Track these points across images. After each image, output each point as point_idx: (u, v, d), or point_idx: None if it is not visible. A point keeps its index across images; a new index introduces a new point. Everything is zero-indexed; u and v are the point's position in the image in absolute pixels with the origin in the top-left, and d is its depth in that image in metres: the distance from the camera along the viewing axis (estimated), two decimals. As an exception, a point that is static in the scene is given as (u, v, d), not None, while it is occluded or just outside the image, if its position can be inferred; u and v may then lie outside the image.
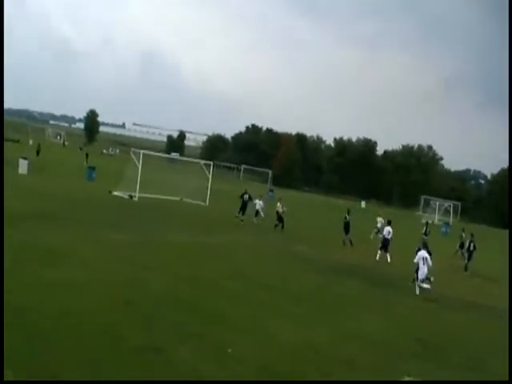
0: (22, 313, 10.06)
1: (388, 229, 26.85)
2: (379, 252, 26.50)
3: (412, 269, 19.81)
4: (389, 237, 26.42)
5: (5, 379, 6.93)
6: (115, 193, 35.72)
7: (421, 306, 17.66)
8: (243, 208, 33.23)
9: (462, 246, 32.68)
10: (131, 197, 35.33)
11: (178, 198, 39.60)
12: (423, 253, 19.22)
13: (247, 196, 33.86)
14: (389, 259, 25.87)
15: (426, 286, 18.99)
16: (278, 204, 32.62)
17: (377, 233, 32.74)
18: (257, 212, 33.40)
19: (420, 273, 18.98)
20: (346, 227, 29.69)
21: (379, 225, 34.41)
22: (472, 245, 29.39)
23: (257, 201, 33.91)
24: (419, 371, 10.72)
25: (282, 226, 31.37)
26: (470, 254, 29.24)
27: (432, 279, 19.02)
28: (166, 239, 21.77)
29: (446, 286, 22.02)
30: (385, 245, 26.43)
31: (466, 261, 29.11)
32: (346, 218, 30.02)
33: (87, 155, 65.53)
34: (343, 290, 18.12)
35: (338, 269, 21.93)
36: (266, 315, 13.00)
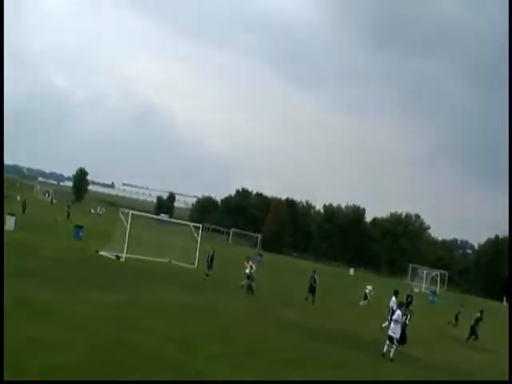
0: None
1: (393, 299, 24.96)
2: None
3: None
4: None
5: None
6: (102, 252, 35.39)
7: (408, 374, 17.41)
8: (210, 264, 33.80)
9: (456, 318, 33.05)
10: (118, 257, 34.99)
11: (166, 260, 39.29)
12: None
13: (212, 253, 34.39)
14: None
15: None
16: (246, 264, 31.24)
17: (365, 299, 33.05)
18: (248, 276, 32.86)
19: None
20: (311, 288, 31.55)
21: (367, 291, 35.17)
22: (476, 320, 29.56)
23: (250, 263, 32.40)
24: None
25: (252, 292, 29.75)
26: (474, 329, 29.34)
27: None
28: (152, 300, 21.49)
29: (435, 351, 21.84)
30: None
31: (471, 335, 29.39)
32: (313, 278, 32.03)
33: (69, 214, 65.59)
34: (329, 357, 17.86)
35: (323, 335, 21.67)
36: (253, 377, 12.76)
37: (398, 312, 19.45)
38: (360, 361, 18.10)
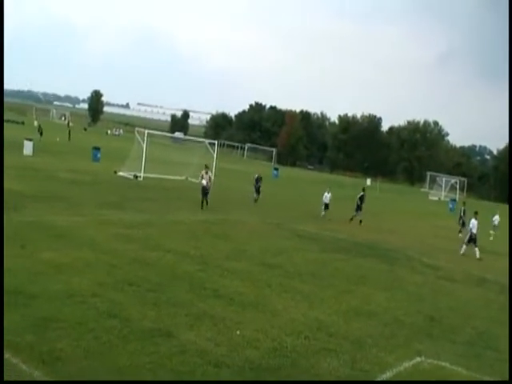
0: (28, 297, 10.06)
1: (474, 222, 24.77)
2: (465, 246, 24.66)
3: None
4: (474, 231, 24.42)
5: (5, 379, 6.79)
6: (120, 173, 35.68)
7: (430, 282, 17.67)
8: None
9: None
10: (136, 177, 35.29)
11: (183, 178, 39.50)
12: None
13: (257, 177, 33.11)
14: (477, 255, 23.99)
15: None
16: (203, 173, 27.88)
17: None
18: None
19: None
20: (359, 205, 30.58)
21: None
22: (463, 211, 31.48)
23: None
24: (431, 350, 10.70)
25: (207, 202, 26.66)
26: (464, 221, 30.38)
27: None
28: (172, 218, 21.74)
29: (455, 261, 22.12)
30: (472, 238, 24.43)
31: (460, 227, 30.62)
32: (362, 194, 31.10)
33: (70, 132, 66.30)
34: (350, 267, 18.11)
35: (343, 246, 21.93)
36: (272, 294, 13.01)
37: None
38: (380, 270, 18.31)
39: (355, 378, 9.01)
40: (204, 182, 27.13)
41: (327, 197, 31.25)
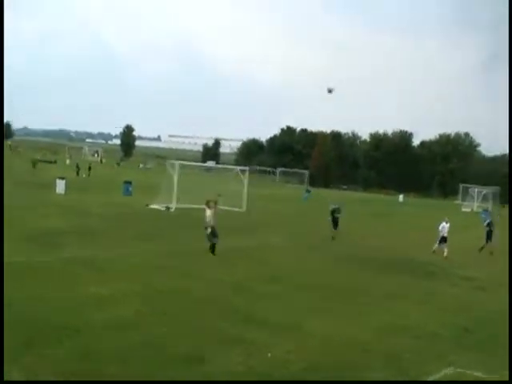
0: (64, 330, 10.60)
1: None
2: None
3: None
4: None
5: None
6: (152, 206, 36.40)
7: (464, 294, 17.79)
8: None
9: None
10: (168, 208, 35.98)
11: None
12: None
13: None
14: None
15: None
16: (207, 208, 21.65)
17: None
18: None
19: None
20: (335, 222, 29.34)
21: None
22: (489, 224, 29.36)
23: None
24: (465, 362, 10.83)
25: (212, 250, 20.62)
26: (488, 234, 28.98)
27: None
28: (203, 246, 22.09)
29: (491, 272, 22.17)
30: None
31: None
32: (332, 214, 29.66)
33: (78, 167, 65.13)
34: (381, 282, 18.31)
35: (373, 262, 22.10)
36: (304, 314, 13.36)
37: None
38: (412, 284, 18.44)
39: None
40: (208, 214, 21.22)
41: (445, 227, 26.73)
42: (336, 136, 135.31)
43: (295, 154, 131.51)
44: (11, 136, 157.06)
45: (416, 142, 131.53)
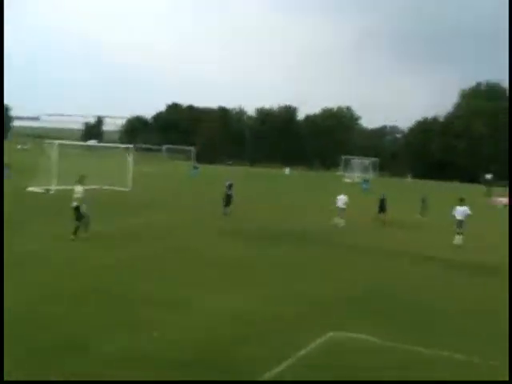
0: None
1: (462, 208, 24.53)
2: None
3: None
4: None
5: None
6: (30, 188, 34.55)
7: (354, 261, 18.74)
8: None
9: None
10: (48, 191, 34.37)
11: (97, 187, 38.61)
12: None
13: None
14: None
15: None
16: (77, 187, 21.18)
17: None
18: None
19: None
20: (227, 199, 29.20)
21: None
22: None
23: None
24: (352, 327, 11.11)
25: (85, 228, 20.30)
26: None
27: None
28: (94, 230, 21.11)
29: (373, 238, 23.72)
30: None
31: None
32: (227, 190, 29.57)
33: None
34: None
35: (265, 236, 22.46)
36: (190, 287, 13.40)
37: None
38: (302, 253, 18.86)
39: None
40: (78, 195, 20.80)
41: (342, 199, 27.89)
42: (223, 112, 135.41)
43: (181, 131, 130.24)
44: None
45: (301, 116, 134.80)
